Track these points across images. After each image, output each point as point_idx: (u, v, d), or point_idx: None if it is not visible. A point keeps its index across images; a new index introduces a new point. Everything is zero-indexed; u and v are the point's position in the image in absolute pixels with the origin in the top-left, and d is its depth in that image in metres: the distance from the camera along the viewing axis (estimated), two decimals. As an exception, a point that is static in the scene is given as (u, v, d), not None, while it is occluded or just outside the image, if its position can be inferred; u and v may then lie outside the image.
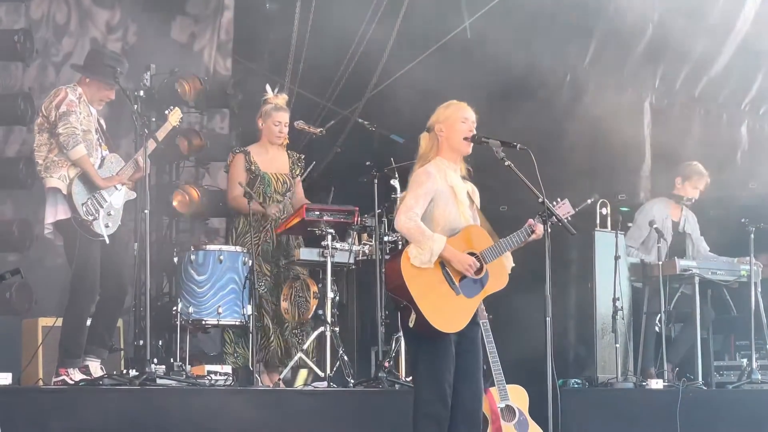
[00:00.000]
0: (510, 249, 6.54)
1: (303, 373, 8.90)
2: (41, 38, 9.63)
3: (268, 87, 9.22)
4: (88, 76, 8.04)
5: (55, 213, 7.86)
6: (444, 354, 6.39)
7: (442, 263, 6.38)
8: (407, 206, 6.41)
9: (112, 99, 8.16)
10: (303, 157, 9.32)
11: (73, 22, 9.89)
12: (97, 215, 7.85)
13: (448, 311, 6.36)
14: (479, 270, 6.44)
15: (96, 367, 7.87)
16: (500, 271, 6.56)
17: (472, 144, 6.56)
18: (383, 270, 7.09)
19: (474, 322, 6.50)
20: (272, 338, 8.88)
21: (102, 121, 8.19)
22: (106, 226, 7.90)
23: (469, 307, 6.44)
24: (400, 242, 8.71)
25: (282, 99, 9.19)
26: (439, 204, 6.45)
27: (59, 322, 7.97)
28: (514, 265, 6.65)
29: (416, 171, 6.54)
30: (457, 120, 6.56)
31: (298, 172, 9.24)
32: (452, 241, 6.40)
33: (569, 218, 6.69)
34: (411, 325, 6.32)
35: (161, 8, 10.28)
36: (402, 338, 8.31)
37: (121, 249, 8.32)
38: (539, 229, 6.52)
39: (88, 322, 7.96)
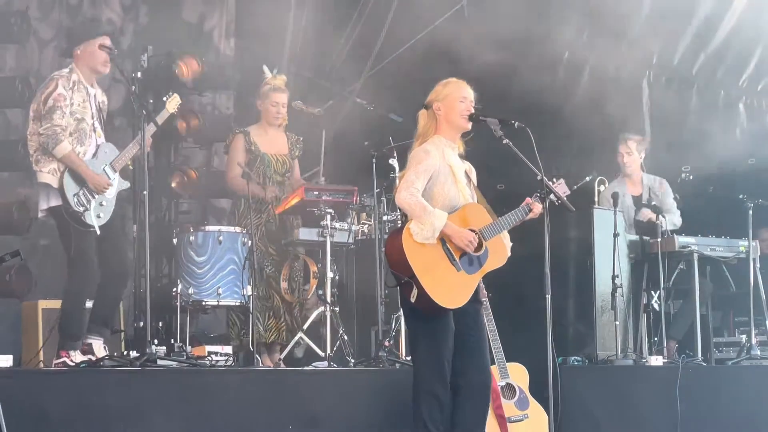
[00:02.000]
0: (509, 227, 6.58)
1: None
2: (54, 20, 9.61)
3: (265, 68, 9.22)
4: (76, 45, 7.99)
5: (47, 201, 7.89)
6: (444, 331, 6.42)
7: (443, 240, 6.41)
8: (408, 182, 6.42)
9: (106, 72, 8.13)
10: (301, 138, 9.33)
11: (86, 3, 9.87)
12: (88, 206, 7.85)
13: (449, 287, 6.39)
14: (479, 247, 6.47)
15: (99, 346, 7.91)
16: (500, 249, 6.59)
17: (470, 122, 6.57)
18: (383, 248, 7.08)
19: (475, 299, 6.53)
20: (282, 318, 8.91)
21: (103, 102, 8.15)
22: (98, 217, 7.90)
23: (470, 283, 6.47)
24: (399, 221, 8.72)
25: (280, 80, 9.18)
26: (437, 182, 6.47)
27: (59, 304, 7.99)
28: (512, 243, 6.67)
29: (415, 149, 6.57)
30: (456, 98, 6.58)
31: (297, 154, 9.25)
32: (451, 219, 6.43)
33: (565, 198, 6.69)
34: (413, 300, 6.34)
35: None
36: (402, 317, 8.33)
37: (120, 230, 8.33)
38: (537, 207, 6.57)
39: (89, 304, 7.99)
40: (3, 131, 9.33)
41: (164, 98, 8.29)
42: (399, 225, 8.31)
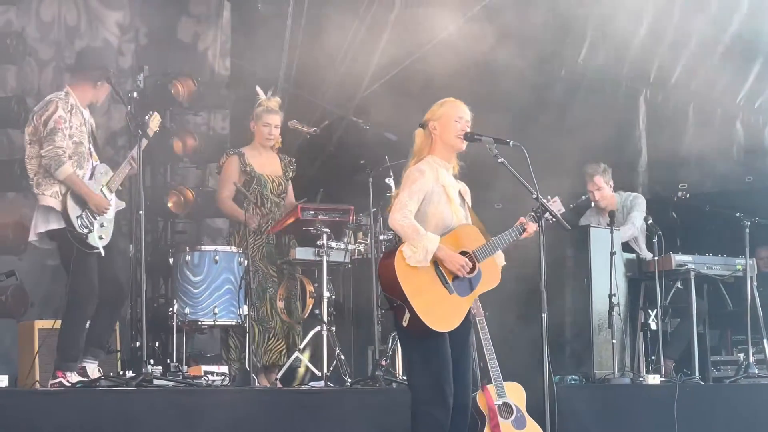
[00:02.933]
0: (502, 247, 6.60)
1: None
2: (53, 41, 9.67)
3: (259, 89, 9.25)
4: (72, 81, 8.07)
5: (47, 223, 7.86)
6: (440, 353, 6.41)
7: (436, 262, 6.43)
8: (401, 204, 6.45)
9: (101, 102, 8.19)
10: (294, 160, 9.36)
11: (83, 24, 9.93)
12: (92, 227, 7.86)
13: (441, 310, 6.40)
14: (472, 269, 6.50)
15: (93, 369, 7.91)
16: (493, 270, 6.61)
17: (465, 142, 6.61)
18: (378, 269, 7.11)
19: (466, 320, 6.55)
20: (281, 339, 8.93)
21: (93, 125, 8.19)
22: (100, 238, 7.92)
23: (462, 306, 6.50)
24: (396, 240, 8.73)
25: (274, 102, 9.20)
26: (431, 202, 6.49)
27: (56, 324, 8.00)
28: (505, 263, 6.71)
29: (409, 168, 6.59)
30: (451, 118, 6.61)
31: (290, 175, 9.29)
32: (444, 240, 6.44)
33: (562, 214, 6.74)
34: (405, 324, 6.36)
35: (166, 8, 10.32)
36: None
37: (117, 252, 8.36)
38: (531, 227, 6.59)
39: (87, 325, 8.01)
40: (6, 150, 9.35)
41: (146, 117, 8.25)
42: (394, 244, 8.34)
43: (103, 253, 7.89)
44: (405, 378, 8.30)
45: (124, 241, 8.95)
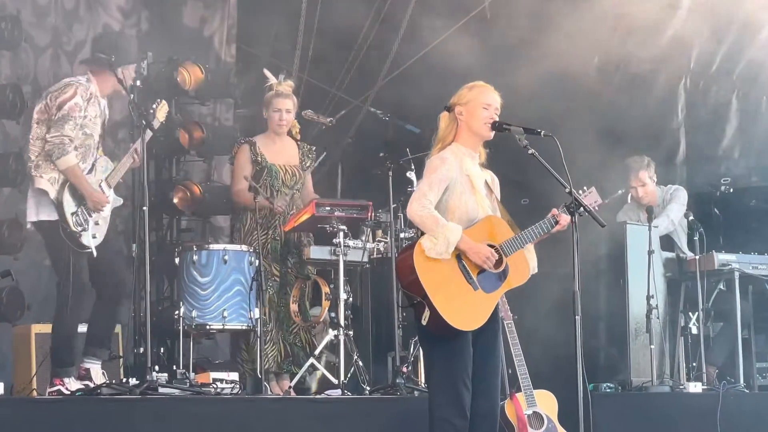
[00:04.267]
0: (532, 241, 6.52)
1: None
2: (50, 25, 9.66)
3: (267, 72, 9.19)
4: (90, 68, 8.06)
5: (37, 212, 7.86)
6: (461, 354, 6.36)
7: (459, 256, 6.35)
8: (421, 193, 6.39)
9: (116, 90, 8.17)
10: (314, 148, 9.32)
11: (82, 8, 9.92)
12: (86, 225, 7.87)
13: (464, 307, 6.33)
14: (498, 263, 6.43)
15: (97, 371, 7.94)
16: (521, 265, 6.53)
17: (493, 131, 6.55)
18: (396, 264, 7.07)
19: (493, 319, 6.47)
20: (273, 344, 8.88)
21: (107, 117, 8.18)
22: (93, 237, 7.92)
23: (488, 303, 6.42)
24: (417, 237, 8.69)
25: (286, 85, 9.15)
26: (454, 192, 6.43)
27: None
28: (537, 271, 6.62)
29: (432, 156, 6.53)
30: (479, 104, 6.54)
31: (308, 164, 9.23)
32: (469, 232, 6.37)
33: (597, 208, 6.67)
34: (424, 323, 6.30)
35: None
36: (420, 340, 8.32)
37: (114, 248, 8.35)
38: (564, 219, 6.49)
39: (83, 328, 8.00)
40: (1, 144, 9.33)
41: (153, 106, 8.25)
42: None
43: (95, 254, 7.87)
44: (426, 385, 8.30)
45: (118, 239, 8.93)
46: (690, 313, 9.77)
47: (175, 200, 9.83)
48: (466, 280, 6.37)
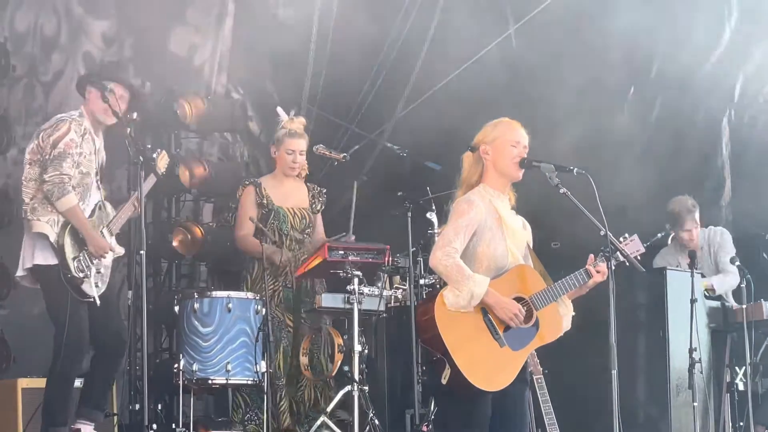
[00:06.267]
0: (565, 293, 6.52)
1: None
2: (27, 54, 9.68)
3: (280, 110, 9.23)
4: (87, 85, 8.08)
5: (34, 256, 7.85)
6: (479, 418, 6.35)
7: (484, 309, 6.36)
8: (445, 240, 6.39)
9: (108, 123, 8.17)
10: (324, 191, 9.35)
11: (63, 35, 9.95)
12: (88, 272, 7.85)
13: (489, 366, 6.33)
14: (528, 318, 6.43)
15: (90, 432, 7.93)
16: (554, 320, 6.53)
17: (522, 170, 6.56)
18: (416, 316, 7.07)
19: (521, 378, 6.46)
20: (283, 401, 8.89)
21: (103, 157, 8.20)
22: (96, 286, 7.92)
23: (514, 361, 6.42)
24: (438, 285, 8.71)
25: (298, 123, 9.19)
26: (483, 238, 6.43)
27: (42, 383, 8.00)
28: (574, 313, 6.63)
29: (457, 199, 6.54)
30: (507, 143, 6.56)
31: (318, 207, 9.26)
32: (498, 283, 6.37)
33: (639, 258, 6.67)
34: (444, 381, 6.29)
35: (160, 16, 10.33)
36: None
37: (114, 298, 8.36)
38: (602, 268, 6.48)
39: (79, 383, 7.99)
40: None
41: (154, 155, 8.21)
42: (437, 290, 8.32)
43: (98, 303, 7.88)
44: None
45: (122, 290, 8.95)
46: (736, 368, 9.75)
47: (175, 243, 9.86)
48: (492, 336, 6.37)
